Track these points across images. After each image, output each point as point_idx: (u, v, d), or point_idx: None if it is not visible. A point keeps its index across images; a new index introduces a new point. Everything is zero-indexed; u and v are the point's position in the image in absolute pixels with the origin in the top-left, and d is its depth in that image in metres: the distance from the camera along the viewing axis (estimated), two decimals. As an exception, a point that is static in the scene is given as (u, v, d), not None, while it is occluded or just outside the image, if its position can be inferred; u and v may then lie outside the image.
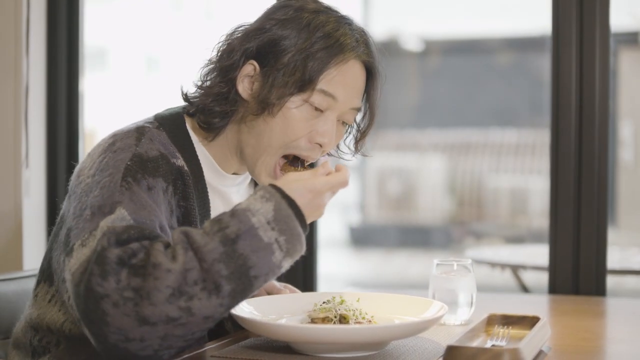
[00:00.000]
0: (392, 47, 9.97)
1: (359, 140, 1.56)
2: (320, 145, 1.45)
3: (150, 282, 1.17)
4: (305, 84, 1.41)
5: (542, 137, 9.98)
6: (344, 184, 1.32)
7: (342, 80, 1.43)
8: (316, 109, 1.43)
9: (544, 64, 9.81)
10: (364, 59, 1.46)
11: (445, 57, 10.74)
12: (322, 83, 1.42)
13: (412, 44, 10.61)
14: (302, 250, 1.28)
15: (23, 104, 2.43)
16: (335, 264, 8.50)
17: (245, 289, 1.22)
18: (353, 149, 1.58)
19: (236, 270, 1.20)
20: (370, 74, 1.49)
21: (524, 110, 10.39)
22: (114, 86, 12.62)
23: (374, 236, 10.23)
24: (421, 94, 10.63)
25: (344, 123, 1.50)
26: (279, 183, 1.29)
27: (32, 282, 1.76)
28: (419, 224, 10.24)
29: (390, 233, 10.15)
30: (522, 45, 10.33)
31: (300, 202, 1.27)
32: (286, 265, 1.26)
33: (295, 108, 1.42)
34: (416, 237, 9.95)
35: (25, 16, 2.43)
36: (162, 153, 1.38)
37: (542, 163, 9.88)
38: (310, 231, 1.98)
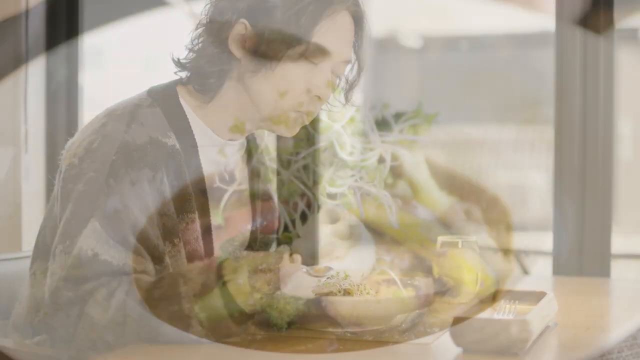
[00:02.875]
0: (390, 44, 9.97)
1: (348, 91, 1.57)
2: (319, 98, 1.46)
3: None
4: (299, 38, 1.43)
5: (541, 133, 9.98)
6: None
7: (334, 32, 1.45)
8: (311, 62, 1.45)
9: (543, 60, 9.81)
10: (352, 10, 1.48)
11: (444, 54, 10.74)
12: (316, 36, 1.43)
13: (411, 41, 10.61)
14: None
15: (22, 88, 2.42)
16: (333, 261, 8.50)
17: None
18: (343, 100, 1.58)
19: None
20: (358, 24, 1.51)
21: (523, 106, 10.39)
22: (111, 85, 12.61)
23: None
24: (420, 91, 10.64)
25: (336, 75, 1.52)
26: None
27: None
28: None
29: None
30: (521, 41, 10.34)
31: None
32: None
33: (292, 62, 1.44)
34: (415, 234, 9.94)
35: (25, -1, 2.43)
36: (151, 137, 1.39)
37: (542, 159, 9.88)
38: (311, 229, 1.99)
